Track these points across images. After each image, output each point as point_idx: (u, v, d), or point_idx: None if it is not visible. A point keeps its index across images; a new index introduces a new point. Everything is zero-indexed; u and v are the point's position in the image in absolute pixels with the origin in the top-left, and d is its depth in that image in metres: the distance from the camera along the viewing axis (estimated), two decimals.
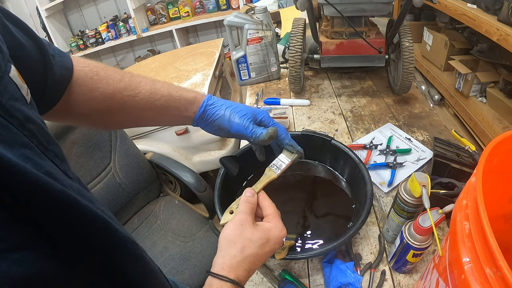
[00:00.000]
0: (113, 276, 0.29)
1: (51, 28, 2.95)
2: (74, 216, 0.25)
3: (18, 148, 0.23)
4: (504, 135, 0.37)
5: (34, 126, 0.26)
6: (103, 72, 0.46)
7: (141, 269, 0.33)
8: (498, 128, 1.47)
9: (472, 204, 0.32)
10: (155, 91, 0.50)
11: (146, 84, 0.49)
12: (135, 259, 0.33)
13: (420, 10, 2.25)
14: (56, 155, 0.28)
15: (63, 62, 0.41)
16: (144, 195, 1.26)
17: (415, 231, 0.53)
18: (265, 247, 0.44)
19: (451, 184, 0.70)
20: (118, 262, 0.30)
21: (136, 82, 0.49)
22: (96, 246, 0.27)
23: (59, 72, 0.40)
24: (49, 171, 0.24)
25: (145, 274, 0.34)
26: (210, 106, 0.54)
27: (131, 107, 0.49)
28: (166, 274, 1.06)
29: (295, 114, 1.11)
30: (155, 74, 1.68)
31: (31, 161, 0.23)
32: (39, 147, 0.25)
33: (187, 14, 3.00)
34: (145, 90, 0.49)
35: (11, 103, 0.24)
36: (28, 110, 0.26)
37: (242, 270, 0.41)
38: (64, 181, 0.26)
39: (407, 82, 1.01)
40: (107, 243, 0.28)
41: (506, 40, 1.21)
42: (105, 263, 0.28)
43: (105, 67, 0.47)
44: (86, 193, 0.29)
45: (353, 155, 0.74)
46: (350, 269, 0.61)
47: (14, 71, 0.26)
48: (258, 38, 1.20)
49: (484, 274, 0.27)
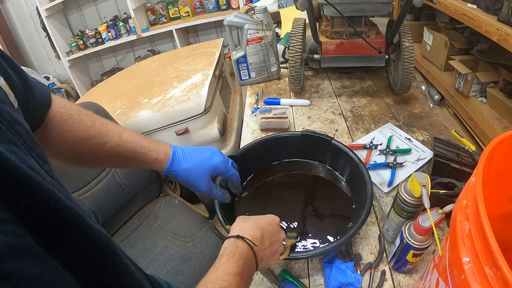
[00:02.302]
0: (83, 270, 0.29)
1: (51, 28, 2.96)
2: (50, 207, 0.26)
3: (6, 143, 0.25)
4: (504, 135, 0.37)
5: (21, 128, 0.29)
6: (77, 116, 0.49)
7: (113, 266, 0.34)
8: (498, 128, 1.47)
9: (472, 204, 0.32)
10: (121, 143, 0.52)
11: (114, 136, 0.52)
12: (108, 255, 0.33)
13: (420, 10, 2.25)
14: (39, 156, 0.30)
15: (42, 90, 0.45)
16: (144, 195, 1.26)
17: (415, 231, 0.53)
18: (269, 224, 0.51)
19: (451, 184, 0.70)
20: (90, 256, 0.31)
21: (105, 131, 0.51)
22: (69, 238, 0.28)
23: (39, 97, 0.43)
24: (32, 166, 0.26)
25: (116, 271, 0.34)
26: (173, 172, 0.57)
27: (100, 153, 0.51)
28: (166, 274, 1.06)
29: (295, 114, 1.11)
30: (155, 74, 1.68)
31: (16, 155, 0.25)
32: (24, 146, 0.28)
33: (187, 14, 3.00)
34: (112, 141, 0.51)
35: (1, 105, 0.26)
36: (16, 114, 0.29)
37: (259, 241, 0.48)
38: (45, 176, 0.28)
39: (407, 82, 1.01)
40: (80, 236, 0.29)
41: (506, 40, 1.21)
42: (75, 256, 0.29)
43: (79, 110, 0.50)
44: (65, 192, 0.31)
45: (353, 155, 0.74)
46: (350, 269, 0.61)
47: (2, 81, 0.29)
48: (258, 38, 1.20)
49: (484, 274, 0.27)
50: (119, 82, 1.76)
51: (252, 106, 1.17)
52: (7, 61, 0.38)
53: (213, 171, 0.59)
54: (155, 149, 0.55)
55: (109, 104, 1.46)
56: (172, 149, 0.57)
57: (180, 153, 0.57)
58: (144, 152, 0.54)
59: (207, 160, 0.59)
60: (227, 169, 0.61)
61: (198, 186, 0.59)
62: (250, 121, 1.10)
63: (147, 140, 0.55)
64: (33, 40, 3.32)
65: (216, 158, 0.59)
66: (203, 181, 0.58)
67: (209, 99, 1.43)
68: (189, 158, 0.57)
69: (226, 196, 0.64)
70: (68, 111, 0.48)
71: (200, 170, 0.58)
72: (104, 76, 3.36)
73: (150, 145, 0.55)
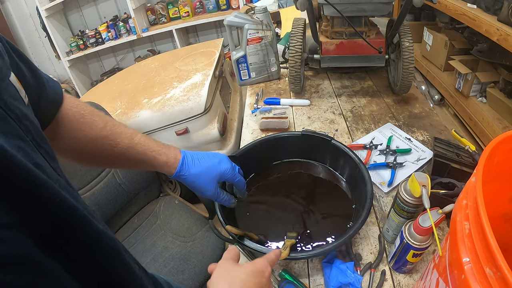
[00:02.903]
0: (85, 270, 0.29)
1: (51, 28, 2.95)
2: (54, 207, 0.26)
3: (14, 138, 0.25)
4: (504, 135, 0.37)
5: (30, 124, 0.29)
6: (89, 116, 0.49)
7: (116, 267, 0.34)
8: (498, 128, 1.47)
9: (472, 204, 0.32)
10: (132, 146, 0.52)
11: (125, 138, 0.52)
12: (111, 256, 0.33)
13: (420, 10, 2.25)
14: (47, 152, 0.30)
15: (54, 87, 0.45)
16: (144, 195, 1.26)
17: (415, 231, 0.53)
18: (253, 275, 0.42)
19: (451, 184, 0.70)
20: (92, 257, 0.31)
21: (116, 133, 0.51)
22: (71, 239, 0.28)
23: (51, 94, 0.43)
24: (38, 163, 0.26)
25: (119, 272, 0.34)
26: (181, 176, 0.57)
27: (110, 155, 0.51)
28: (166, 274, 1.06)
29: (295, 114, 1.11)
30: (155, 74, 1.68)
31: (23, 151, 0.25)
32: (32, 142, 0.28)
33: (187, 14, 3.00)
34: (124, 143, 0.51)
35: (11, 100, 0.27)
36: (26, 109, 0.29)
37: None
38: (52, 174, 0.28)
39: (407, 82, 1.01)
40: (83, 236, 0.30)
41: (506, 40, 1.21)
42: (77, 256, 0.29)
43: (92, 111, 0.50)
44: (72, 191, 0.31)
45: (353, 155, 0.74)
46: (350, 269, 0.61)
47: (14, 77, 0.29)
48: (258, 38, 1.20)
49: (484, 274, 0.27)
50: (119, 82, 1.76)
51: (252, 106, 1.17)
52: (20, 57, 0.38)
53: (221, 177, 0.60)
54: (165, 153, 0.55)
55: (109, 104, 1.46)
56: (182, 154, 0.57)
57: (190, 158, 0.58)
58: (155, 155, 0.54)
59: (215, 166, 0.59)
60: (234, 175, 0.61)
61: (205, 191, 0.60)
62: (250, 121, 1.10)
63: (158, 144, 0.56)
64: (33, 40, 3.32)
65: (224, 165, 0.60)
66: (211, 187, 0.59)
67: (209, 99, 1.43)
68: (198, 164, 0.58)
69: (232, 201, 0.64)
70: (80, 110, 0.48)
71: (208, 176, 0.58)
72: (104, 76, 3.35)
73: (161, 149, 0.55)
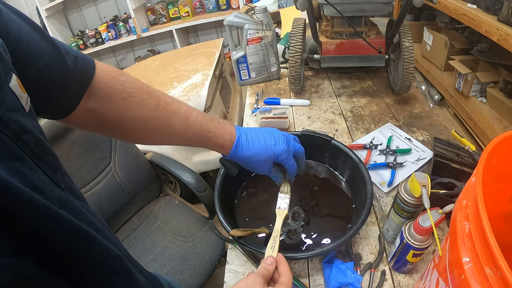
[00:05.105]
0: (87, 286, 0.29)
1: (51, 28, 2.95)
2: (55, 230, 0.25)
3: (8, 160, 0.24)
4: (504, 135, 0.37)
5: (29, 137, 0.27)
6: (137, 94, 0.46)
7: (120, 283, 0.33)
8: (498, 128, 1.47)
9: (472, 204, 0.32)
10: (188, 127, 0.51)
11: (180, 118, 0.50)
12: (114, 273, 0.33)
13: (420, 10, 2.25)
14: (49, 165, 0.28)
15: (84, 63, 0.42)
16: (144, 195, 1.26)
17: (415, 231, 0.53)
18: None
19: (451, 184, 0.70)
20: (95, 275, 0.30)
21: (170, 112, 0.49)
22: (78, 260, 0.28)
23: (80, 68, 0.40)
24: (36, 185, 0.25)
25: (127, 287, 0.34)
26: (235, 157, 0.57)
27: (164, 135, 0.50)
28: (165, 274, 1.06)
29: (295, 114, 1.11)
30: (155, 74, 1.68)
31: (19, 174, 0.24)
32: (31, 158, 0.26)
33: (187, 14, 3.00)
34: (178, 123, 0.50)
35: (8, 114, 0.25)
36: (25, 120, 0.27)
37: None
38: (52, 193, 0.27)
39: (407, 82, 1.01)
40: (88, 258, 0.29)
41: (506, 40, 1.21)
42: (80, 276, 0.28)
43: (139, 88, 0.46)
44: (76, 204, 0.30)
45: (353, 155, 0.74)
46: (350, 269, 0.61)
47: (15, 80, 0.26)
48: (258, 38, 1.20)
49: (484, 274, 0.27)
50: None
51: (252, 106, 1.17)
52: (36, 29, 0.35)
53: (275, 159, 0.59)
54: (221, 135, 0.54)
55: None
56: (237, 134, 0.56)
57: (244, 140, 0.57)
58: (211, 137, 0.53)
59: (270, 148, 0.58)
60: (288, 158, 0.60)
61: (257, 171, 0.60)
62: (250, 121, 1.10)
63: (214, 122, 0.54)
64: None
65: (279, 147, 0.58)
66: (263, 167, 0.59)
67: (209, 99, 1.43)
68: (251, 146, 0.57)
69: (279, 181, 0.64)
70: (126, 88, 0.45)
71: (261, 157, 0.58)
72: None
73: (217, 130, 0.54)
